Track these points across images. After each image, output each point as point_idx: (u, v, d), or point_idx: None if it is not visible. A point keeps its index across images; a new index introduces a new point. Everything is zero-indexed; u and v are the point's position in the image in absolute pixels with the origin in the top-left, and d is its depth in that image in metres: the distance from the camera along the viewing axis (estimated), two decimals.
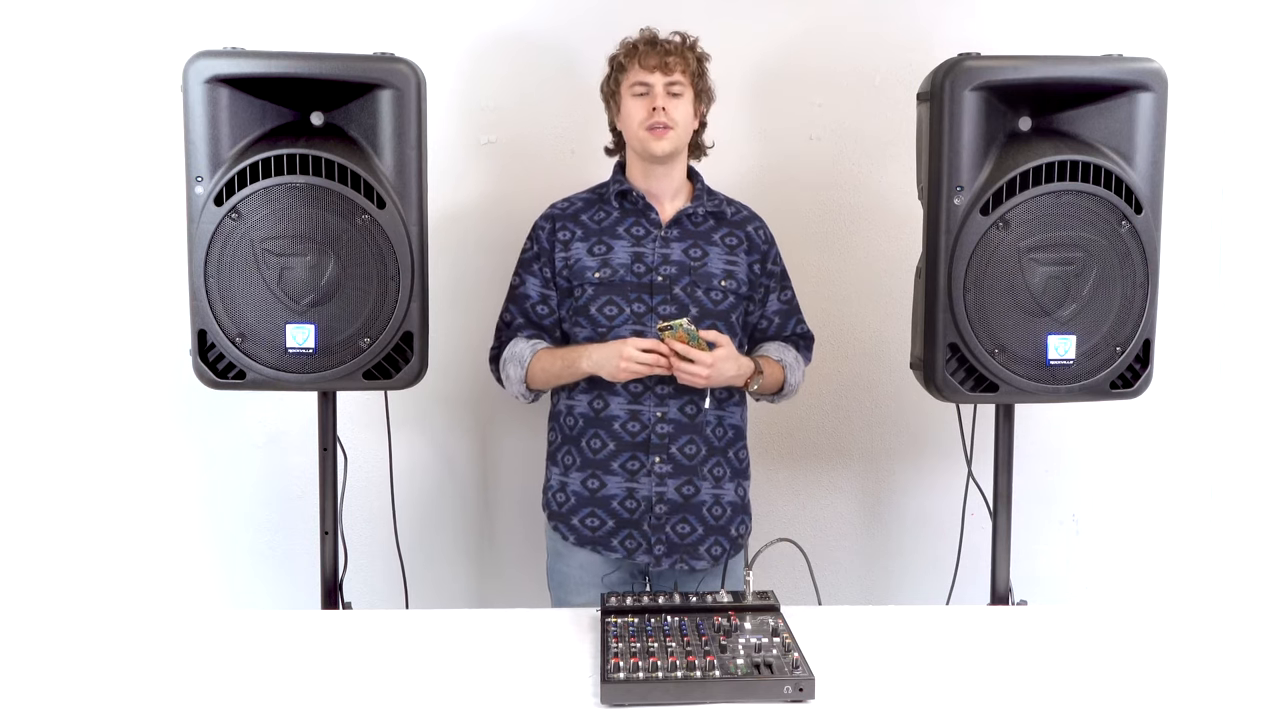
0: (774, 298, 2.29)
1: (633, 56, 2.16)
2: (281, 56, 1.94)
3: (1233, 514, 2.80)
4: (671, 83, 2.14)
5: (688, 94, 2.17)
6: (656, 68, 2.13)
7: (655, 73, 2.13)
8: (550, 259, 2.20)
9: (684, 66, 2.15)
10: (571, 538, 2.20)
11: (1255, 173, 2.71)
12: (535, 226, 2.25)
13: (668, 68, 2.13)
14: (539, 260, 2.22)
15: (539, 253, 2.22)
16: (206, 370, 1.98)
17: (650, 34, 2.18)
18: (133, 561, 2.68)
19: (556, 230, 2.21)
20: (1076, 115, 2.02)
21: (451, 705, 1.49)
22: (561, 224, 2.22)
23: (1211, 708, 1.51)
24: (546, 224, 2.23)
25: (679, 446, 2.16)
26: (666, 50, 2.14)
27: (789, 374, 2.23)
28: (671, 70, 2.13)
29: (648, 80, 2.13)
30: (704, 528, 2.19)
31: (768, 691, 1.47)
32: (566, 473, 2.20)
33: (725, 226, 2.24)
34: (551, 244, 2.21)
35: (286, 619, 1.85)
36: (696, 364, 2.01)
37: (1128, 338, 2.03)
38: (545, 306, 2.21)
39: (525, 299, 2.22)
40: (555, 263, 2.20)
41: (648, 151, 2.16)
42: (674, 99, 2.14)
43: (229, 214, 1.92)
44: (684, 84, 2.15)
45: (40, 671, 1.60)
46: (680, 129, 2.16)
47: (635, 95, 2.15)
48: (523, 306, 2.22)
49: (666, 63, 2.13)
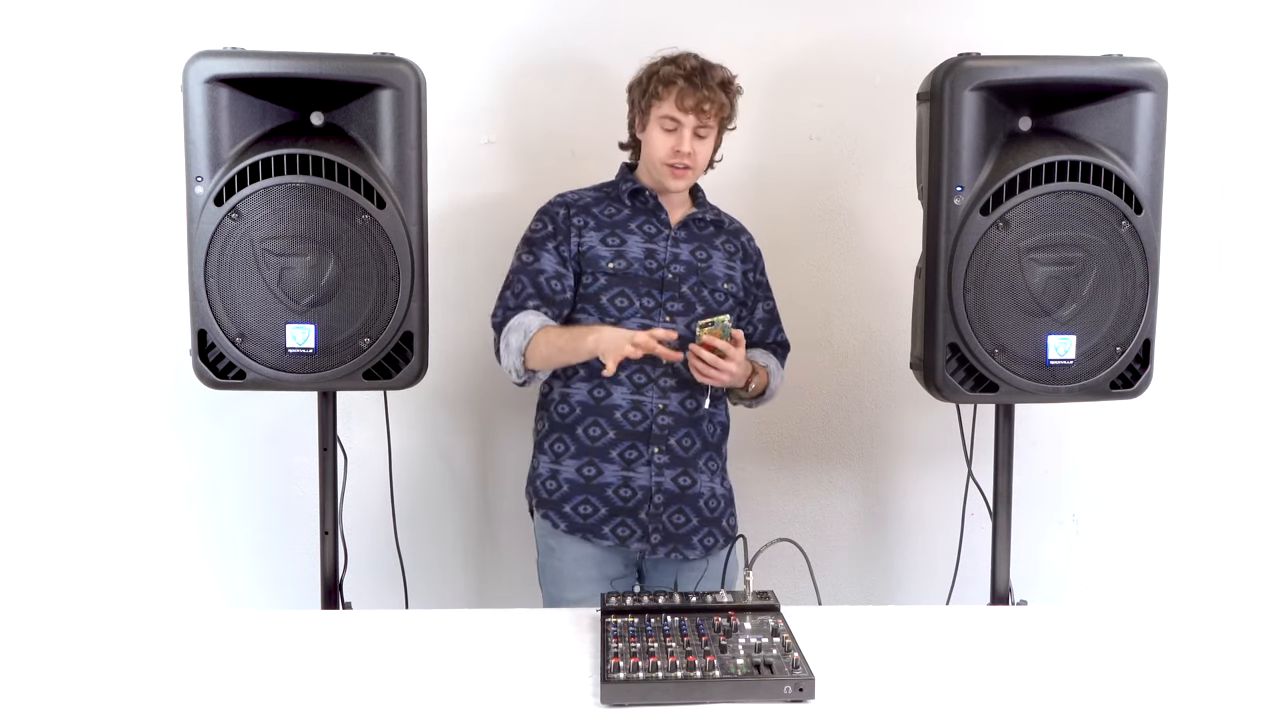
0: (760, 306, 2.35)
1: (671, 88, 2.12)
2: (281, 56, 1.95)
3: (1233, 514, 2.80)
4: (701, 126, 2.14)
5: (713, 134, 2.18)
6: (692, 110, 2.12)
7: (690, 115, 2.12)
8: (567, 239, 2.20)
9: (717, 111, 2.14)
10: (562, 525, 2.20)
11: (1255, 173, 2.72)
12: (546, 209, 2.24)
13: (703, 113, 2.12)
14: (554, 239, 2.20)
15: (554, 231, 2.20)
16: (206, 370, 1.98)
17: (691, 67, 2.13)
18: (133, 561, 2.68)
19: (571, 216, 2.21)
20: (1076, 115, 2.02)
21: (451, 705, 1.49)
22: (576, 211, 2.22)
23: (1211, 708, 1.51)
24: (560, 209, 2.23)
25: (677, 439, 2.19)
26: (706, 96, 2.11)
27: (770, 379, 2.28)
28: (705, 116, 2.13)
29: (679, 119, 2.13)
30: (698, 519, 2.22)
31: (768, 691, 1.47)
32: (558, 460, 2.21)
33: (724, 234, 2.29)
34: (568, 227, 2.20)
35: (286, 619, 1.85)
36: (730, 361, 2.02)
37: (1128, 338, 2.03)
38: (559, 283, 2.18)
39: (540, 273, 2.18)
40: (571, 246, 2.19)
41: (663, 185, 2.20)
42: (700, 140, 2.16)
43: (229, 214, 1.92)
44: (712, 126, 2.16)
45: (40, 671, 1.60)
46: (699, 168, 2.19)
47: (664, 130, 2.15)
48: (535, 280, 2.18)
49: (703, 108, 2.12)
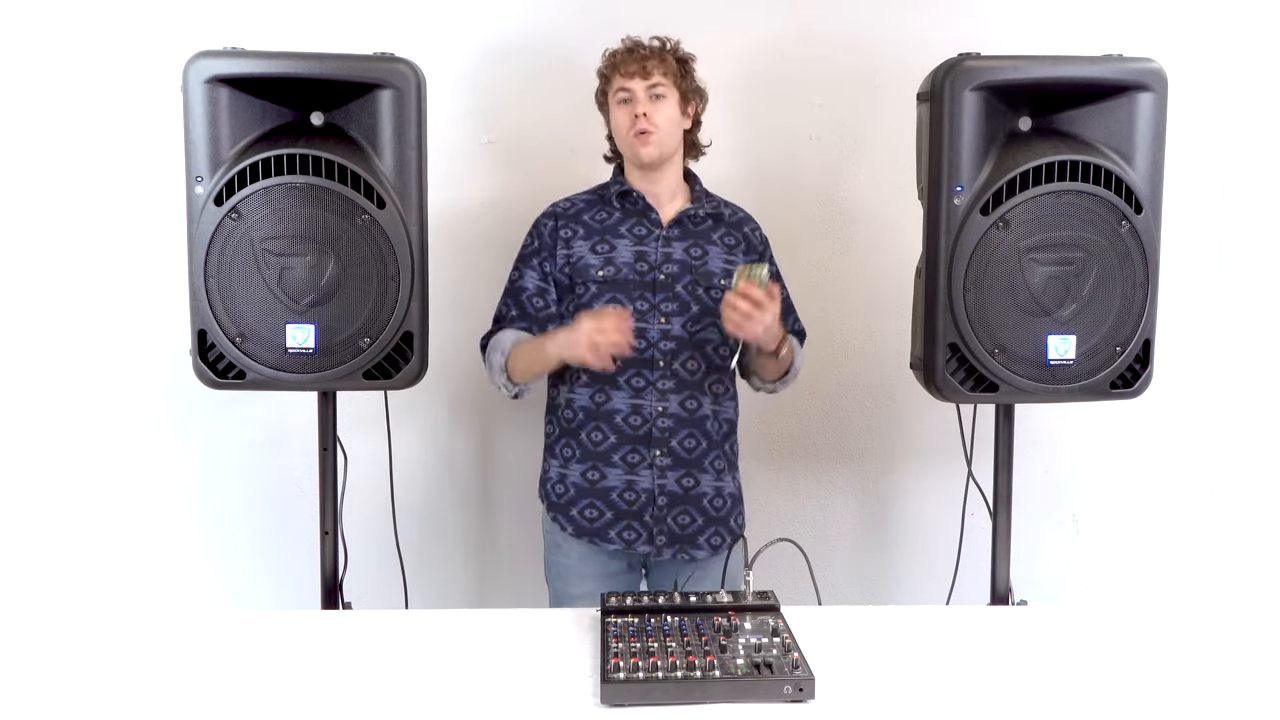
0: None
1: (614, 66, 2.20)
2: (281, 56, 1.95)
3: (1233, 514, 2.80)
4: (652, 86, 2.17)
5: (671, 96, 2.19)
6: (636, 74, 2.17)
7: (635, 79, 2.17)
8: (552, 254, 2.22)
9: (664, 69, 2.18)
10: (570, 529, 2.22)
11: (1255, 173, 2.71)
12: (537, 223, 2.28)
13: (646, 72, 2.16)
14: (539, 255, 2.24)
15: (539, 247, 2.24)
16: (206, 370, 1.98)
17: (630, 42, 2.22)
18: (132, 561, 2.68)
19: (559, 228, 2.24)
20: (1076, 115, 2.02)
21: (451, 705, 1.49)
22: (564, 222, 2.24)
23: (1211, 708, 1.51)
24: (549, 221, 2.26)
25: (679, 440, 2.19)
26: (645, 56, 2.18)
27: (796, 357, 2.27)
28: (650, 74, 2.16)
29: (629, 86, 2.17)
30: (704, 519, 2.21)
31: (768, 691, 1.47)
32: (566, 464, 2.22)
33: (723, 227, 2.27)
34: (554, 240, 2.23)
35: (286, 619, 1.85)
36: (765, 312, 1.98)
37: (1128, 338, 2.03)
38: (541, 299, 2.22)
39: (521, 291, 2.23)
40: (557, 259, 2.22)
41: (636, 157, 2.20)
42: (656, 102, 2.17)
43: (229, 214, 1.92)
44: (666, 85, 2.18)
45: (40, 671, 1.60)
46: (664, 132, 2.18)
47: (619, 103, 2.20)
48: (519, 299, 2.23)
49: (645, 68, 2.16)
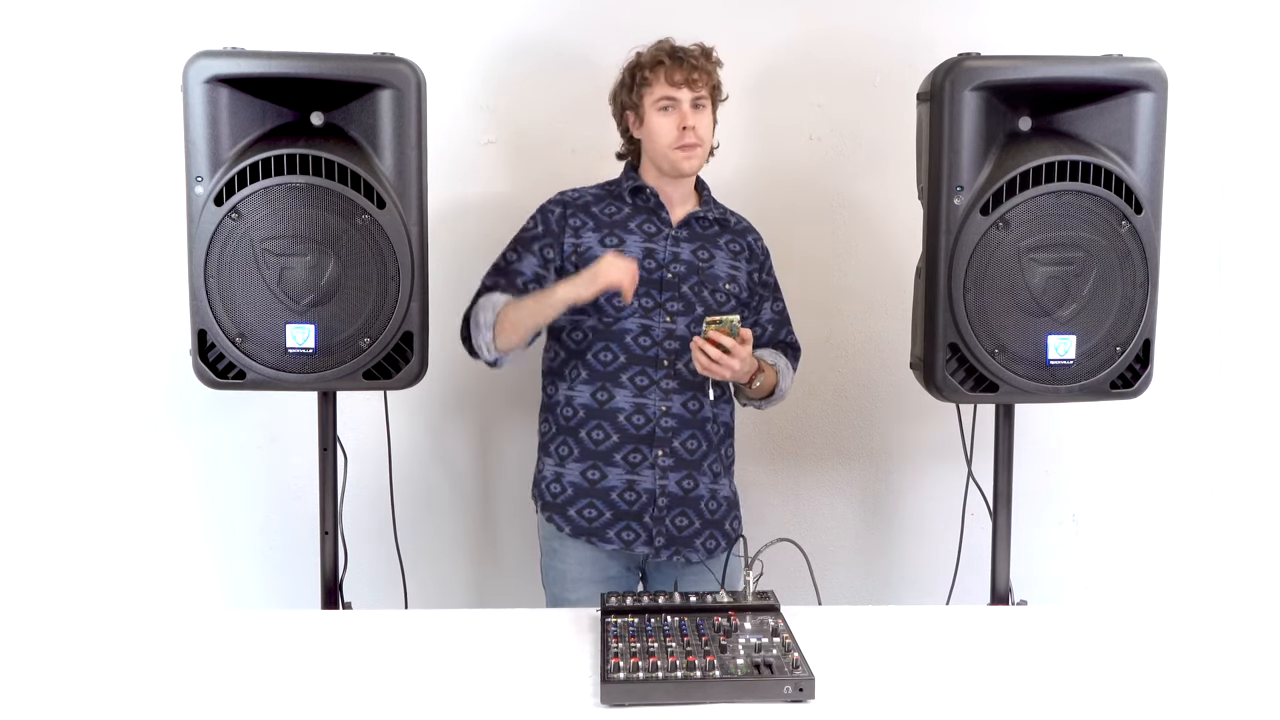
0: (767, 307, 2.32)
1: (658, 70, 2.13)
2: (281, 56, 1.94)
3: (1233, 514, 2.80)
4: (698, 98, 2.14)
5: (709, 105, 2.17)
6: (684, 83, 2.11)
7: (683, 89, 2.12)
8: (558, 241, 2.19)
9: (708, 80, 2.15)
10: (567, 529, 2.20)
11: (1255, 173, 2.71)
12: (542, 208, 2.23)
13: (693, 83, 2.12)
14: (541, 240, 2.19)
15: (544, 233, 2.20)
16: (206, 370, 1.98)
17: (670, 46, 2.15)
18: (133, 562, 2.68)
19: (568, 216, 2.20)
20: (1076, 115, 2.02)
21: (451, 705, 1.49)
22: (573, 211, 2.21)
23: (1211, 708, 1.51)
24: (556, 208, 2.22)
25: (681, 441, 2.18)
26: (693, 65, 2.12)
27: (780, 379, 2.26)
28: (697, 85, 2.12)
29: (675, 96, 2.12)
30: (700, 521, 2.21)
31: (768, 691, 1.47)
32: (562, 464, 2.20)
33: (729, 234, 2.26)
34: (561, 228, 2.19)
35: (286, 619, 1.85)
36: (734, 358, 1.99)
37: (1128, 338, 2.03)
38: (537, 286, 2.16)
39: (517, 275, 2.17)
40: (563, 247, 2.18)
41: (677, 169, 2.16)
42: (698, 112, 2.14)
43: (229, 214, 1.92)
44: (707, 97, 2.15)
45: (40, 671, 1.60)
46: (706, 144, 2.17)
47: (660, 109, 2.14)
48: (512, 281, 2.17)
49: (693, 78, 2.12)
